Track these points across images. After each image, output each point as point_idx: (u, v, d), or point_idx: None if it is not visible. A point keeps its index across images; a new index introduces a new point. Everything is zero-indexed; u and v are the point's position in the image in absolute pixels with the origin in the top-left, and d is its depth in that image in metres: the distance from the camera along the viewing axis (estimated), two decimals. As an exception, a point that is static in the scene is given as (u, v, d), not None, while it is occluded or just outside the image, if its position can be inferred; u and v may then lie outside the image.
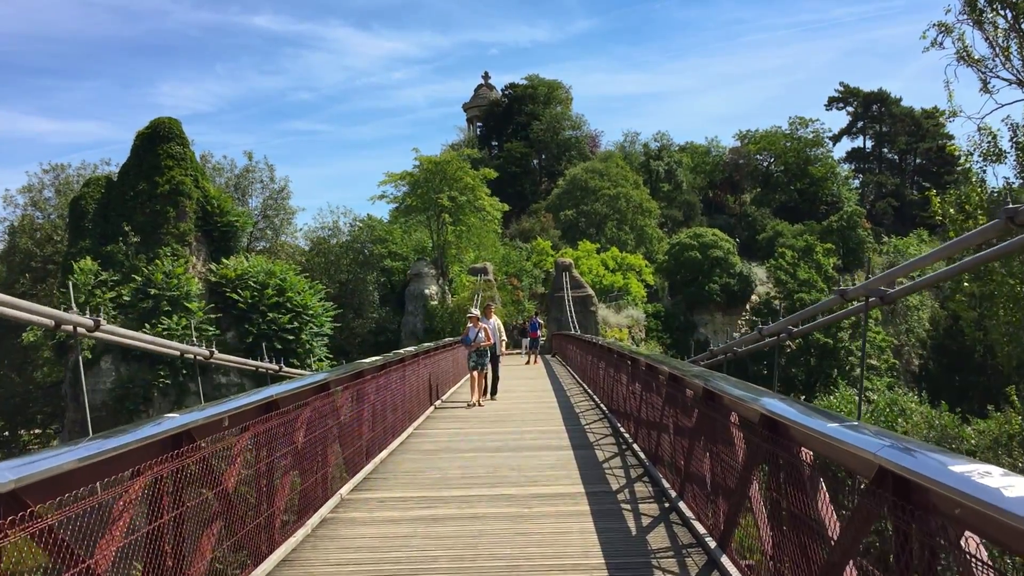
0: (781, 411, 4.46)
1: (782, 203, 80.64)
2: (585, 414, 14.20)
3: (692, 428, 6.83)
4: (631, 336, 51.31)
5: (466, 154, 47.77)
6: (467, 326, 16.71)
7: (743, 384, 5.72)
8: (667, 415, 7.99)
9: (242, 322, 36.94)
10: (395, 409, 11.51)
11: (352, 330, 44.46)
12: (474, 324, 16.32)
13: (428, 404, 15.53)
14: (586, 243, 58.35)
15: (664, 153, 79.62)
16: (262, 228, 47.16)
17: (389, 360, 11.47)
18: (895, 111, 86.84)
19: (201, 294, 36.84)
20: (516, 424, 13.16)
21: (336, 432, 8.20)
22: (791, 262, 59.62)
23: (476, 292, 43.41)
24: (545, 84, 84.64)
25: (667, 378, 7.82)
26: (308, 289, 38.13)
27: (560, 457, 9.71)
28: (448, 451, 10.58)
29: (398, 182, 45.85)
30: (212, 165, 46.62)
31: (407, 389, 12.71)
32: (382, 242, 49.29)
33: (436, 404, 16.22)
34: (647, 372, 9.26)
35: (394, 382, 11.63)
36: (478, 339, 16.13)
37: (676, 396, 7.42)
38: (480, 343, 16.13)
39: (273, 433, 6.26)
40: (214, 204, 38.42)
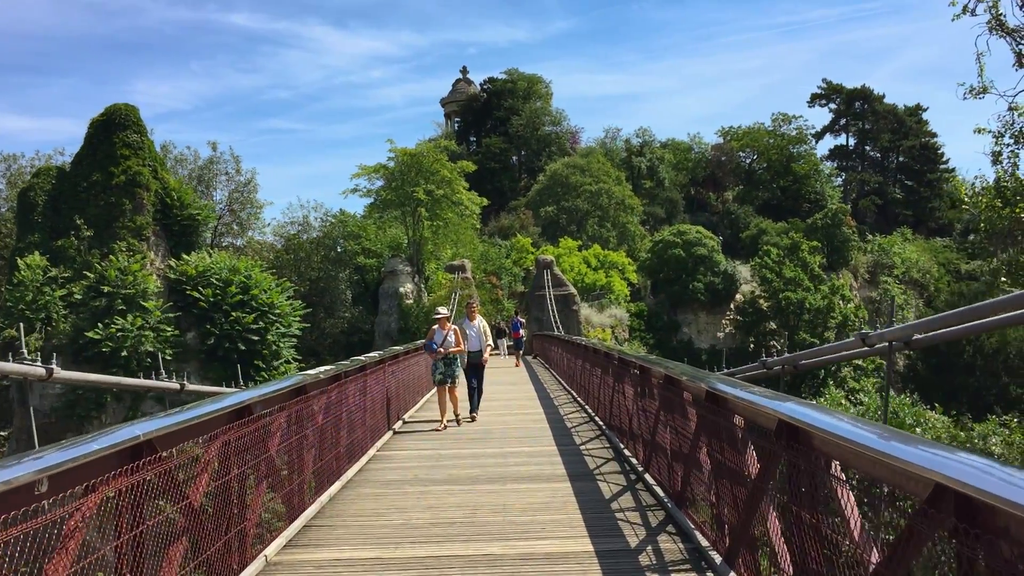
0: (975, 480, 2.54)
1: (765, 201, 79.41)
2: (579, 430, 12.24)
3: (747, 473, 4.91)
4: (614, 336, 49.51)
5: (443, 146, 45.57)
6: (432, 328, 13.51)
7: (847, 417, 3.78)
8: (702, 447, 6.06)
9: (203, 322, 34.67)
10: (352, 429, 9.50)
11: (323, 330, 42.30)
12: (442, 326, 13.29)
13: (396, 418, 13.51)
14: (567, 240, 56.53)
15: (646, 149, 78.06)
16: (228, 223, 44.76)
17: (345, 369, 9.46)
18: (878, 108, 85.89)
19: (159, 292, 34.52)
20: (498, 443, 11.19)
21: (264, 469, 6.20)
22: (776, 260, 58.08)
23: (453, 290, 41.44)
24: (524, 79, 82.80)
25: (702, 398, 5.89)
26: (275, 287, 35.94)
27: (555, 493, 7.74)
28: (414, 483, 8.56)
29: (372, 175, 43.67)
30: (174, 156, 44.20)
31: (368, 403, 10.69)
32: (355, 238, 47.13)
33: (404, 418, 14.11)
34: (666, 387, 7.33)
35: (351, 396, 9.62)
36: (447, 344, 13.09)
37: (717, 425, 5.49)
38: (449, 348, 13.13)
39: (148, 493, 4.27)
40: (174, 196, 36.08)
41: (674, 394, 7.01)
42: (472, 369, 14.05)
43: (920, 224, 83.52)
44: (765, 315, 57.89)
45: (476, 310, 14.67)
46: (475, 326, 14.17)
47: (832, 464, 3.73)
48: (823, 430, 3.50)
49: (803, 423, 3.68)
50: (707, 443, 5.90)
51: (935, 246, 79.11)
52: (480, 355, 14.11)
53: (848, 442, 3.23)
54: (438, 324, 13.34)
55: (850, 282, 66.99)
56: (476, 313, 14.50)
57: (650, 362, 8.41)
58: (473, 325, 14.18)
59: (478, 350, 14.09)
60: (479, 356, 14.11)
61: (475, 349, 14.06)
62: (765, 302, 57.78)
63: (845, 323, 56.84)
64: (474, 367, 14.06)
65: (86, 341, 32.43)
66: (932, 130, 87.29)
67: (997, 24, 15.00)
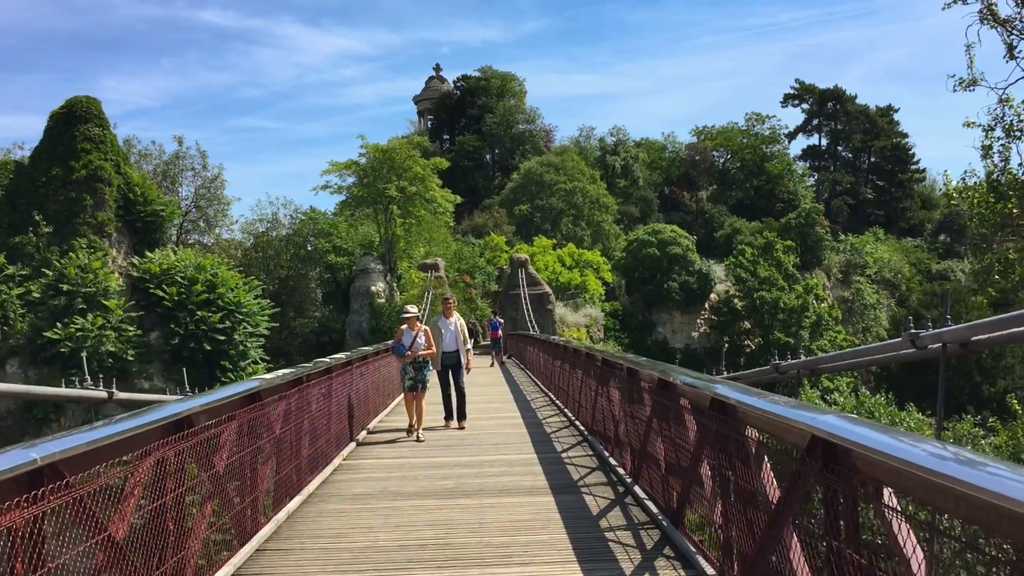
0: None
1: (739, 200, 79.44)
2: (559, 435, 11.56)
3: (764, 495, 4.26)
4: (589, 336, 48.99)
5: (415, 142, 44.70)
6: (400, 329, 12.05)
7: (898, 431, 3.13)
8: (704, 461, 5.41)
9: (168, 321, 33.56)
10: (315, 438, 8.73)
11: (292, 330, 41.26)
12: (411, 326, 11.93)
13: (364, 425, 12.75)
14: (542, 239, 55.92)
15: (620, 148, 77.66)
16: (194, 220, 43.53)
17: (307, 372, 8.70)
18: (850, 108, 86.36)
19: (121, 291, 33.38)
20: (473, 450, 10.47)
21: (209, 489, 5.45)
22: (751, 260, 57.89)
23: (426, 289, 40.64)
24: (498, 76, 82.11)
25: (705, 406, 5.24)
26: (242, 285, 34.91)
27: (538, 508, 7.05)
28: (382, 497, 7.82)
29: (343, 172, 42.67)
30: (138, 151, 42.90)
31: (334, 409, 9.93)
32: (326, 236, 46.10)
33: (371, 426, 13.20)
34: (659, 392, 6.67)
35: (315, 401, 8.86)
36: (416, 346, 11.75)
37: (725, 438, 4.83)
38: (419, 351, 11.79)
39: (54, 527, 3.53)
40: (137, 192, 34.90)
41: (669, 400, 6.35)
42: (448, 372, 12.69)
43: (891, 224, 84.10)
44: (740, 314, 57.72)
45: (453, 307, 13.08)
46: (452, 324, 12.69)
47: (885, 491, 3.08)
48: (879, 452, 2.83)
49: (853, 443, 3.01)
50: (711, 457, 5.24)
51: (906, 246, 79.63)
52: (456, 356, 12.62)
53: (916, 470, 2.54)
54: (407, 324, 11.97)
55: (823, 281, 67.08)
56: (453, 310, 12.98)
57: (639, 364, 7.75)
58: (449, 323, 12.70)
59: (454, 350, 12.61)
60: (455, 357, 12.61)
61: (451, 350, 12.61)
62: (740, 301, 57.60)
63: (819, 322, 56.83)
64: (450, 370, 12.66)
65: (44, 341, 31.25)
66: (903, 131, 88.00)
67: (989, 14, 14.59)
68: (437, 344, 12.33)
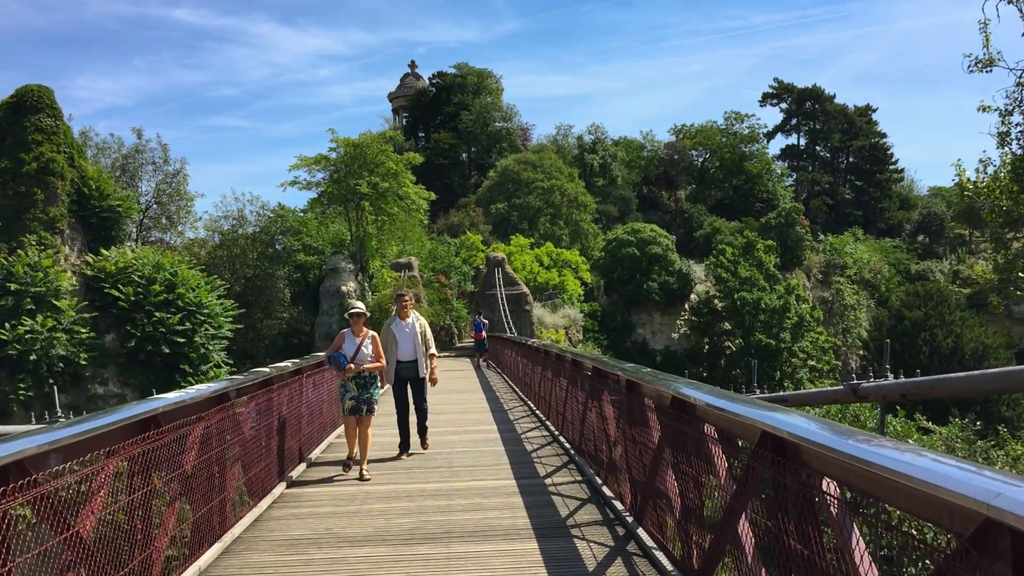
0: None
1: (718, 200, 78.66)
2: (541, 454, 10.07)
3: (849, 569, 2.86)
4: (568, 337, 47.60)
5: (388, 136, 43.05)
6: (341, 333, 9.48)
7: None
8: (742, 513, 3.99)
9: (124, 323, 31.68)
10: (248, 466, 7.20)
11: (259, 332, 39.44)
12: (355, 330, 9.32)
13: (316, 444, 11.20)
14: (519, 238, 54.48)
15: (598, 147, 76.43)
16: (155, 216, 41.52)
17: (239, 385, 7.18)
18: (829, 108, 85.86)
19: (74, 290, 31.44)
20: (442, 474, 8.97)
21: (71, 555, 3.93)
22: (731, 259, 56.85)
23: (399, 289, 39.00)
24: (475, 73, 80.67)
25: (752, 441, 3.81)
26: (204, 285, 33.11)
27: (518, 562, 5.58)
28: (325, 544, 6.28)
29: (312, 167, 40.89)
30: (96, 144, 40.84)
31: (276, 427, 8.39)
32: (295, 234, 44.31)
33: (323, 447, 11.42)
34: (672, 415, 5.23)
35: (248, 421, 7.33)
36: (360, 357, 9.18)
37: (784, 489, 3.40)
38: (364, 364, 9.20)
39: None
40: (92, 186, 32.95)
41: (688, 427, 4.92)
42: (404, 386, 10.10)
43: (869, 224, 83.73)
44: (720, 315, 56.66)
45: (409, 305, 10.29)
46: (408, 327, 10.06)
47: None
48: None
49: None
50: (761, 511, 3.81)
51: (885, 246, 79.25)
52: (415, 367, 10.00)
53: None
54: (351, 326, 9.36)
55: (803, 282, 66.30)
56: (410, 308, 10.24)
57: (642, 377, 6.30)
58: (406, 325, 10.05)
59: (412, 360, 9.97)
60: (414, 368, 10.00)
61: (408, 358, 9.98)
62: (720, 302, 56.55)
63: (801, 323, 55.87)
64: (408, 384, 10.09)
65: (-11, 344, 29.26)
66: (881, 130, 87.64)
67: (1007, -13, 13.32)
68: (389, 353, 9.83)
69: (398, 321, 10.25)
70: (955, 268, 74.87)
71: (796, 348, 54.96)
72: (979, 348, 52.12)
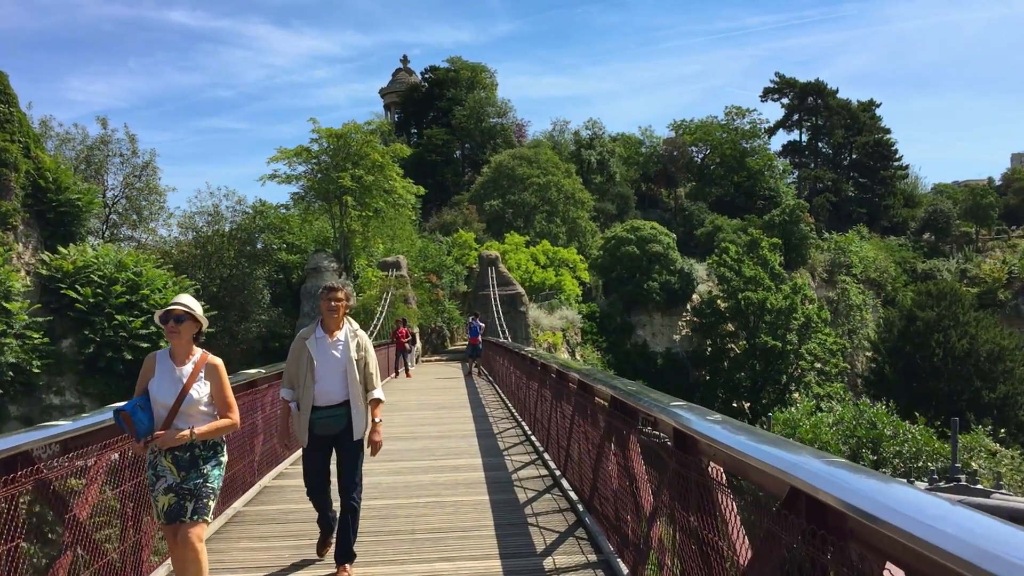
0: None
1: (718, 197, 76.47)
2: (538, 507, 7.43)
3: None
4: (566, 340, 45.12)
5: (374, 125, 40.47)
6: (152, 357, 4.92)
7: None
8: None
9: (82, 327, 29.05)
10: (126, 533, 4.66)
11: (235, 336, 36.85)
12: (178, 351, 4.89)
13: (240, 492, 8.63)
14: (514, 235, 51.95)
15: (596, 143, 74.00)
16: (123, 212, 38.85)
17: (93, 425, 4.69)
18: (831, 103, 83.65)
19: (28, 292, 28.80)
20: (403, 549, 6.43)
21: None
22: (735, 258, 54.43)
23: (386, 290, 36.51)
24: (468, 67, 78.31)
25: None
26: (171, 286, 30.53)
27: None
28: None
29: (293, 160, 38.30)
30: (58, 134, 38.15)
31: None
32: (276, 231, 41.73)
33: (249, 497, 8.66)
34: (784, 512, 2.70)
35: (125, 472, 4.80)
36: (183, 417, 4.71)
37: None
38: (187, 429, 4.67)
39: None
40: (49, 178, 30.33)
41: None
42: (325, 452, 6.00)
43: (873, 222, 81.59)
44: (723, 316, 54.23)
45: (343, 308, 6.02)
46: (339, 346, 5.92)
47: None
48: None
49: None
50: None
51: (890, 245, 77.12)
52: (344, 417, 5.84)
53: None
54: (171, 341, 4.93)
55: (808, 281, 63.96)
56: (343, 315, 6.05)
57: (702, 432, 3.78)
58: (334, 343, 5.93)
59: (340, 403, 5.85)
60: (342, 419, 5.84)
61: (333, 400, 5.85)
62: (724, 302, 54.10)
63: (808, 324, 53.45)
64: (334, 444, 5.95)
65: (-68, 351, 26.67)
66: (885, 126, 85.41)
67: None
68: (302, 391, 5.85)
69: (321, 336, 5.94)
70: (962, 267, 72.76)
71: (803, 350, 52.54)
72: (995, 350, 49.79)
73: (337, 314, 5.98)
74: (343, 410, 5.86)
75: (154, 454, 4.64)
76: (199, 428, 4.66)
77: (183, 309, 4.86)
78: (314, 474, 6.03)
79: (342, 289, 6.05)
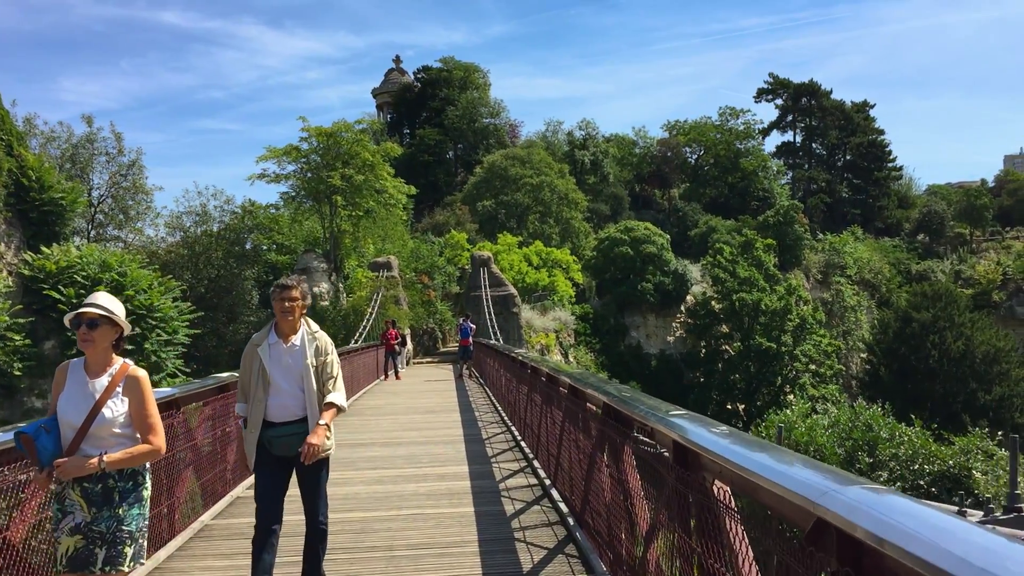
0: None
1: (712, 198, 76.14)
2: (535, 538, 6.95)
3: None
4: (559, 342, 44.64)
5: (364, 123, 39.90)
6: (63, 367, 4.07)
7: None
8: None
9: (65, 328, 28.39)
10: None
11: (223, 338, 36.25)
12: (94, 362, 4.04)
13: (197, 516, 8.06)
14: (507, 236, 51.46)
15: (589, 143, 73.61)
16: (109, 211, 38.21)
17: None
18: (825, 104, 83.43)
19: (10, 292, 28.18)
20: (378, 564, 5.94)
21: None
22: (729, 259, 54.05)
23: (377, 291, 35.98)
24: (461, 67, 77.83)
25: None
26: (157, 286, 29.90)
27: None
28: None
29: (281, 159, 37.73)
30: (42, 132, 37.49)
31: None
32: (265, 231, 41.14)
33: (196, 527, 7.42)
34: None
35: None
36: (94, 440, 3.83)
37: None
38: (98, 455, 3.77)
39: None
40: (32, 176, 29.69)
41: None
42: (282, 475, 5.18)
43: (867, 223, 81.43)
44: (718, 317, 53.84)
45: (299, 308, 5.21)
46: (293, 352, 5.15)
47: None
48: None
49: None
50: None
51: (884, 246, 76.96)
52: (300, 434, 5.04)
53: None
54: (85, 350, 4.01)
55: (802, 282, 63.65)
56: (299, 316, 5.25)
57: (701, 446, 3.30)
58: (288, 349, 5.16)
59: (297, 420, 5.08)
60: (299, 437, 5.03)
61: (289, 416, 5.09)
62: (718, 304, 53.71)
63: (803, 326, 53.11)
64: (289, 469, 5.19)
65: (-91, 353, 26.03)
66: (879, 127, 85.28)
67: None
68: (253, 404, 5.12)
69: (275, 341, 5.17)
70: (957, 268, 72.62)
71: (798, 352, 52.19)
72: (991, 351, 49.53)
73: (292, 315, 5.19)
74: (303, 427, 5.08)
75: (61, 485, 3.76)
76: (110, 455, 3.74)
77: (97, 312, 3.93)
78: (267, 501, 5.01)
79: (297, 287, 5.29)
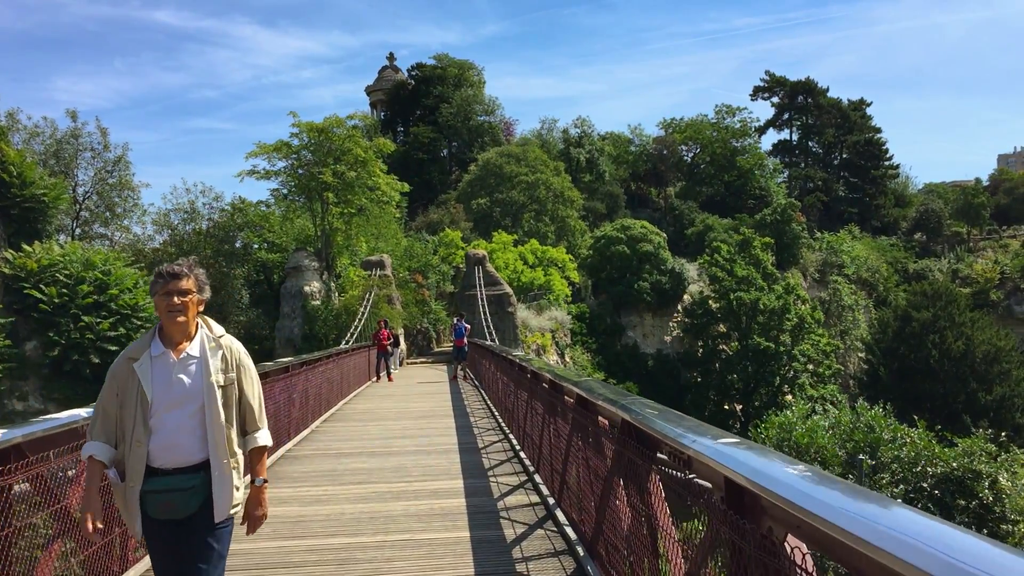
0: None
1: (709, 196, 75.53)
2: (528, 550, 6.21)
3: None
4: (555, 341, 43.91)
5: (356, 119, 39.10)
6: None
7: None
8: None
9: (47, 328, 27.58)
10: None
11: (212, 337, 35.35)
12: None
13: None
14: (502, 234, 50.70)
15: (585, 141, 72.79)
16: (95, 209, 37.27)
17: None
18: (822, 102, 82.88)
19: (-10, 291, 27.40)
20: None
21: None
22: (727, 258, 53.35)
23: (369, 290, 35.18)
24: (455, 64, 77.01)
25: None
26: (141, 285, 29.11)
27: None
28: None
29: (272, 155, 36.89)
30: (26, 127, 36.55)
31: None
32: (256, 229, 40.27)
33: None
34: None
35: None
36: None
37: None
38: None
39: None
40: (13, 172, 28.86)
41: None
42: (171, 543, 3.48)
43: (864, 222, 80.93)
44: (715, 317, 53.14)
45: (193, 303, 3.64)
46: (189, 368, 3.55)
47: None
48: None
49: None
50: None
51: (882, 244, 76.42)
52: (200, 491, 3.48)
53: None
54: None
55: (800, 281, 63.01)
56: (194, 316, 3.65)
57: (769, 490, 2.53)
58: (183, 363, 3.54)
59: (194, 464, 3.50)
60: (198, 493, 3.48)
61: (181, 462, 3.46)
62: (715, 303, 52.99)
63: (801, 325, 52.43)
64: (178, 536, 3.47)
65: None
66: (876, 125, 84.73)
67: None
68: (130, 447, 3.45)
69: (160, 352, 3.56)
70: (954, 267, 72.11)
71: (796, 352, 51.51)
72: (991, 351, 48.93)
73: (185, 315, 3.56)
74: (199, 477, 3.48)
75: None
76: None
77: None
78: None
79: (190, 274, 3.66)
